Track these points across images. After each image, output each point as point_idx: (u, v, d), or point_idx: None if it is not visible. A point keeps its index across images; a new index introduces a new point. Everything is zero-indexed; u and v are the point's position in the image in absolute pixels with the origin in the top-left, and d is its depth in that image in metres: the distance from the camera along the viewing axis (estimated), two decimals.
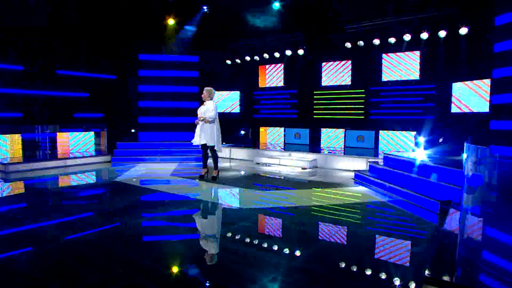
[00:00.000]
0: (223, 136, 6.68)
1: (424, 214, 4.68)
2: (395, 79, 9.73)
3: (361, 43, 9.84)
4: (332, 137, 10.69)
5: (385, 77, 9.90)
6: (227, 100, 11.95)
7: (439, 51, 8.87)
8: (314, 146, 10.60)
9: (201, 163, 6.95)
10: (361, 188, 6.23)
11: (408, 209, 4.97)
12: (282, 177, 7.18)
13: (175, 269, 3.02)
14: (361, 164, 8.03)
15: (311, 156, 8.65)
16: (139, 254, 3.28)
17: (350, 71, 10.49)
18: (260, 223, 4.30)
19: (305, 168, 8.09)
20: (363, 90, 10.24)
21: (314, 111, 11.02)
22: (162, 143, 9.85)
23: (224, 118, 8.55)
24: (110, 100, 10.76)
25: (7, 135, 8.49)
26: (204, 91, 6.12)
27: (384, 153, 7.21)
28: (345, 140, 10.31)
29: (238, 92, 12.15)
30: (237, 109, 12.14)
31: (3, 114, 8.80)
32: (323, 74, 10.93)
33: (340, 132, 10.55)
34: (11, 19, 8.67)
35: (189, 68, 11.03)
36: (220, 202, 5.23)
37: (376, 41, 9.63)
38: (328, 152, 8.93)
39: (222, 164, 8.47)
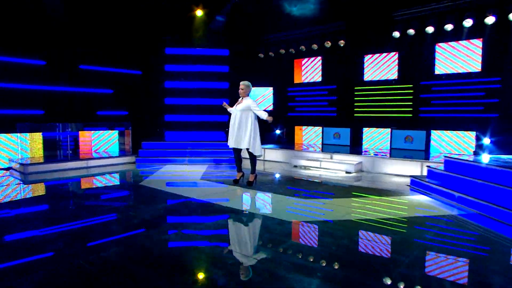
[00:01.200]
0: None
1: None
2: (450, 72, 8.89)
3: (411, 31, 8.96)
4: (376, 137, 9.99)
5: (438, 70, 9.07)
6: (259, 96, 11.51)
7: (508, 39, 7.89)
8: (356, 147, 9.94)
9: (234, 165, 6.73)
10: (420, 198, 5.52)
11: (491, 226, 4.19)
12: (324, 183, 6.62)
13: None
14: (414, 168, 7.33)
15: (355, 159, 8.03)
16: (169, 279, 2.73)
17: (397, 64, 9.72)
18: (308, 241, 3.65)
19: (349, 172, 7.50)
20: (411, 86, 9.45)
21: (355, 109, 10.34)
22: (190, 143, 9.44)
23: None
24: (135, 97, 10.45)
25: (27, 134, 8.29)
26: (241, 86, 5.65)
27: (445, 156, 6.35)
28: (391, 141, 9.57)
29: (271, 89, 11.68)
30: (270, 107, 11.67)
31: (24, 111, 8.60)
32: (365, 67, 10.21)
33: (385, 132, 9.83)
34: (32, 10, 8.41)
35: (219, 62, 10.64)
36: (257, 212, 4.64)
37: (430, 29, 8.74)
38: (374, 154, 8.25)
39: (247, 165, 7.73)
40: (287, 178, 7.03)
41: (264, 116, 5.28)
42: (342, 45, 10.18)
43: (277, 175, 7.32)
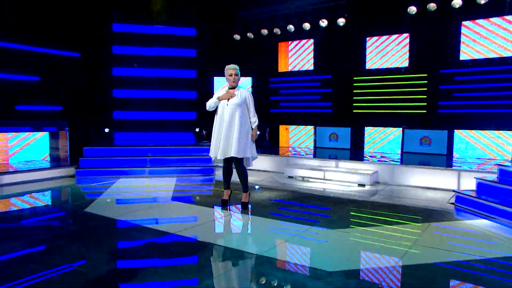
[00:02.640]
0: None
1: None
2: (479, 58, 8.34)
3: (432, 6, 8.19)
4: (382, 138, 9.52)
5: (464, 56, 8.51)
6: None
7: None
8: (357, 150, 9.41)
9: (211, 176, 6.47)
10: (480, 222, 4.73)
11: None
12: (336, 200, 5.82)
13: None
14: (448, 179, 6.59)
15: (369, 167, 7.33)
16: None
17: (408, 49, 9.11)
18: None
19: (362, 185, 6.81)
20: (425, 75, 8.89)
21: (354, 104, 9.77)
22: (151, 149, 8.21)
23: None
24: (72, 87, 9.07)
25: None
26: (231, 70, 4.82)
27: (501, 165, 5.51)
28: (402, 143, 8.94)
29: (249, 79, 10.83)
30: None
31: None
32: (368, 53, 9.60)
33: (394, 132, 9.32)
34: None
35: (184, 45, 9.81)
36: (271, 256, 3.51)
37: (456, 2, 7.96)
38: (386, 160, 7.62)
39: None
40: (286, 195, 6.20)
41: (254, 125, 4.78)
42: (342, 24, 9.41)
43: (274, 193, 6.36)
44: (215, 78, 10.30)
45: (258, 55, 10.84)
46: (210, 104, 4.85)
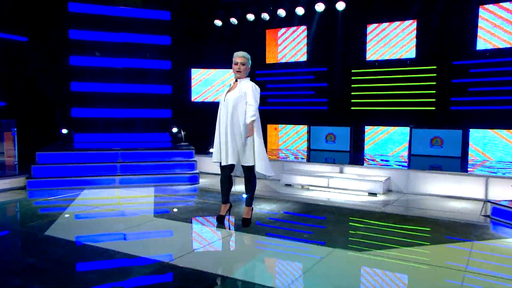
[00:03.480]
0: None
1: None
2: (497, 47, 8.20)
3: None
4: (384, 139, 9.42)
5: (481, 45, 8.37)
6: (214, 82, 10.25)
7: None
8: (357, 154, 9.28)
9: (195, 185, 6.57)
10: None
11: None
12: (352, 213, 5.54)
13: None
14: (474, 187, 6.35)
15: (380, 173, 7.07)
16: None
17: (415, 37, 8.95)
18: None
19: (374, 194, 6.57)
20: (434, 67, 8.76)
21: (353, 100, 9.64)
22: (121, 153, 7.68)
23: (209, 111, 8.14)
24: (19, 78, 8.58)
25: None
26: (238, 58, 4.56)
27: None
28: (410, 145, 8.73)
29: (231, 71, 10.12)
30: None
31: None
32: (368, 41, 9.44)
33: (400, 131, 9.21)
34: None
35: (156, 31, 9.35)
36: None
37: None
38: (400, 165, 7.49)
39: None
40: (289, 207, 5.86)
41: (249, 120, 4.33)
42: (341, 9, 9.23)
43: (272, 206, 6.00)
44: (192, 70, 9.94)
45: (242, 44, 10.41)
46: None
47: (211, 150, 8.01)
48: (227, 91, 4.54)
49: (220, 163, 4.50)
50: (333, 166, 7.47)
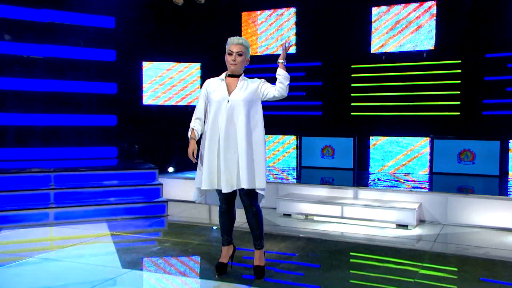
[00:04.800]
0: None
1: None
2: None
3: None
4: (396, 152, 9.21)
5: None
6: (174, 81, 10.19)
7: None
8: (364, 173, 9.14)
9: (162, 217, 6.84)
10: None
11: None
12: (387, 253, 5.42)
13: None
14: None
15: (408, 198, 6.88)
16: None
17: (434, 24, 8.81)
18: None
19: (405, 226, 6.37)
20: (459, 61, 8.63)
21: (354, 103, 9.54)
22: (55, 175, 7.10)
23: (167, 118, 8.90)
24: None
25: None
26: (236, 46, 4.45)
27: None
28: (431, 160, 8.71)
29: (197, 65, 10.34)
30: (197, 100, 9.90)
31: None
32: (374, 29, 9.41)
33: (416, 143, 9.03)
34: None
35: (95, 9, 9.16)
36: None
37: None
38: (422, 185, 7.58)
39: (203, 216, 7.61)
40: (298, 247, 5.63)
41: (286, 83, 4.44)
42: None
43: (272, 245, 5.75)
44: (144, 63, 9.64)
45: (211, 31, 10.32)
46: (195, 115, 4.47)
47: (170, 169, 7.74)
48: (218, 93, 4.30)
49: (220, 191, 4.23)
50: (344, 190, 7.24)
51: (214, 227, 6.58)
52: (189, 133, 4.43)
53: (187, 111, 10.06)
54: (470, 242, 5.67)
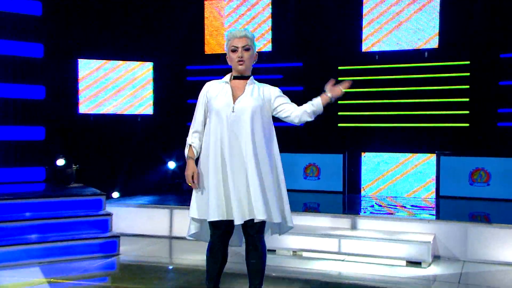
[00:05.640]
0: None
1: None
2: None
3: None
4: (394, 172, 9.26)
5: None
6: (120, 85, 10.11)
7: None
8: (353, 194, 9.28)
9: (113, 257, 6.77)
10: None
11: None
12: None
13: None
14: None
15: (418, 229, 6.92)
16: None
17: (438, 17, 8.92)
18: None
19: (418, 263, 6.34)
20: (468, 62, 8.74)
21: (340, 112, 9.60)
22: None
23: (112, 130, 8.97)
24: None
25: None
26: (237, 40, 4.37)
27: None
28: (438, 181, 8.76)
29: (149, 65, 10.35)
30: (149, 109, 10.62)
31: None
32: (365, 25, 9.48)
33: (421, 161, 9.10)
34: None
35: None
36: None
37: None
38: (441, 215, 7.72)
39: (164, 255, 7.69)
40: None
41: (319, 103, 4.47)
42: None
43: None
44: (81, 61, 9.52)
45: (167, 22, 10.42)
46: (193, 128, 4.38)
47: (114, 194, 8.06)
48: (223, 100, 4.21)
49: (212, 223, 4.15)
50: (338, 218, 7.26)
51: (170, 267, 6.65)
52: (186, 151, 4.38)
53: (137, 121, 9.98)
54: (500, 283, 5.66)
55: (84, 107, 9.44)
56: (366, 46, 9.42)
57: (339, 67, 9.46)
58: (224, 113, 4.15)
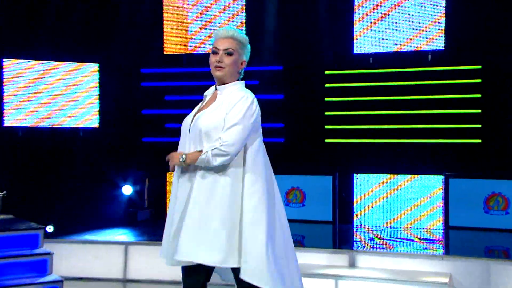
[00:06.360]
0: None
1: None
2: None
3: None
4: (393, 198, 9.18)
5: None
6: (57, 91, 9.95)
7: None
8: (347, 227, 9.12)
9: None
10: None
11: None
12: None
13: None
14: None
15: (433, 268, 6.81)
16: None
17: (443, 15, 8.91)
18: None
19: None
20: (479, 67, 8.68)
21: (327, 126, 9.63)
22: None
23: (43, 147, 9.06)
24: None
25: None
26: (221, 41, 4.29)
27: None
28: (446, 207, 8.65)
29: (94, 66, 10.24)
30: (94, 120, 10.45)
31: None
32: (356, 21, 9.47)
33: (425, 184, 9.01)
34: None
35: None
36: None
37: None
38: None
39: None
40: None
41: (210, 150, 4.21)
42: None
43: None
44: (6, 61, 9.40)
45: (114, 15, 10.32)
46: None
47: (49, 228, 7.96)
48: (197, 109, 4.34)
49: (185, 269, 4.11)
50: (333, 254, 7.16)
51: None
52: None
53: (78, 136, 9.85)
54: None
55: (10, 119, 9.23)
56: (358, 47, 9.36)
57: (326, 72, 9.39)
58: (184, 130, 4.18)
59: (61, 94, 9.90)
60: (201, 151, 3.95)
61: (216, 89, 4.24)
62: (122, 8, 10.25)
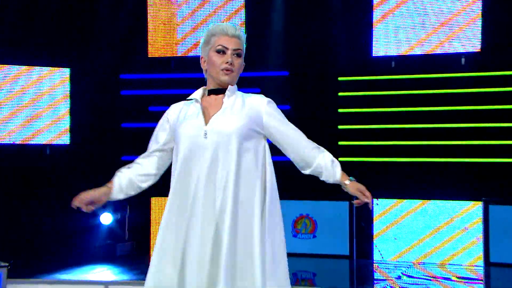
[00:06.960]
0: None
1: None
2: None
3: None
4: (424, 228, 8.95)
5: None
6: (23, 102, 10.04)
7: None
8: (370, 265, 9.02)
9: None
10: None
11: None
12: None
13: None
14: None
15: None
16: None
17: (479, 14, 9.01)
18: None
19: None
20: None
21: (342, 141, 9.60)
22: None
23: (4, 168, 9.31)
24: None
25: None
26: (230, 40, 3.86)
27: None
28: (486, 239, 8.55)
29: (65, 72, 10.39)
30: (64, 136, 10.54)
31: None
32: (375, 21, 9.56)
33: (461, 211, 8.85)
34: None
35: None
36: None
37: None
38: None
39: None
40: None
41: (338, 175, 3.84)
42: None
43: None
44: None
45: (90, 12, 10.42)
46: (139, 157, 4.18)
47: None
48: (190, 116, 3.81)
49: None
50: None
51: None
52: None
53: (45, 154, 9.82)
54: None
55: None
56: (377, 49, 9.43)
57: (339, 78, 9.42)
58: (195, 141, 3.62)
59: (26, 106, 9.85)
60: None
61: (209, 93, 3.76)
62: (99, 3, 10.30)
